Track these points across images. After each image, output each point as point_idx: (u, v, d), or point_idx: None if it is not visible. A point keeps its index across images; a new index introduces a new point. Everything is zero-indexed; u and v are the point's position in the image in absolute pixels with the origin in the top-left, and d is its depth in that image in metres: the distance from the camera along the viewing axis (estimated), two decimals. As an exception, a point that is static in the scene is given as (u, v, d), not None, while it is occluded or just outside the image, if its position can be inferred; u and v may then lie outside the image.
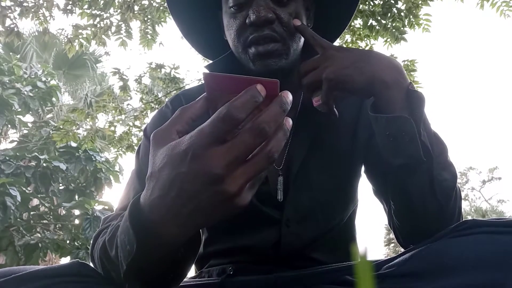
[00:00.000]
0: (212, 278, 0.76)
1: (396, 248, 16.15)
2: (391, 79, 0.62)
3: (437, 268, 0.52)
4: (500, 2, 2.92)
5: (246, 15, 0.70)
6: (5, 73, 6.11)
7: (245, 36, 0.70)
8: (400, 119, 0.60)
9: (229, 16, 0.73)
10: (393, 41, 3.16)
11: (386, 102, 0.62)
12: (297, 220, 0.74)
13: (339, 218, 0.80)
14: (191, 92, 0.87)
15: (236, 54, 0.74)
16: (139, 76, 4.71)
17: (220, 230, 0.79)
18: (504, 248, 0.50)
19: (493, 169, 20.07)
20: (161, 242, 0.42)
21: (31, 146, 7.11)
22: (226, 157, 0.38)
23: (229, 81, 0.41)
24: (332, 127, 0.79)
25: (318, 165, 0.77)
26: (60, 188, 6.41)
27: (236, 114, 0.37)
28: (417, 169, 0.62)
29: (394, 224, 0.72)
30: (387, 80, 0.62)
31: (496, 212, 18.38)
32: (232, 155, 0.38)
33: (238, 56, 0.74)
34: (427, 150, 0.60)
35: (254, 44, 0.69)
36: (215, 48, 0.86)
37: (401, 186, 0.65)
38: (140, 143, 0.82)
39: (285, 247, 0.73)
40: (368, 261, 0.17)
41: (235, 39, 0.72)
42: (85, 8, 3.42)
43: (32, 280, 0.52)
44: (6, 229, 5.12)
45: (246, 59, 0.72)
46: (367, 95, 0.65)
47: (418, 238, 0.59)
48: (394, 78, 0.62)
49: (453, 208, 0.65)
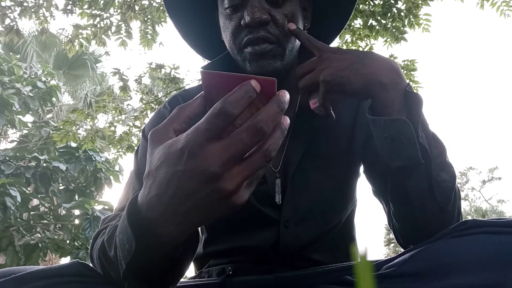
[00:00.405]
0: (211, 278, 0.76)
1: (396, 248, 16.15)
2: (388, 81, 0.62)
3: (437, 268, 0.52)
4: (500, 2, 2.92)
5: (241, 17, 0.70)
6: (5, 73, 6.10)
7: (240, 37, 0.70)
8: (398, 122, 0.60)
9: (224, 17, 0.73)
10: (393, 41, 3.16)
11: (383, 103, 0.62)
12: (295, 221, 0.74)
13: (338, 219, 0.80)
14: (189, 92, 0.87)
15: (232, 55, 0.75)
16: (139, 76, 4.70)
17: (219, 230, 0.79)
18: (504, 248, 0.50)
19: (493, 169, 20.07)
20: (159, 241, 0.42)
21: (31, 146, 7.11)
22: (223, 155, 0.37)
23: (226, 79, 0.41)
24: (330, 128, 0.79)
25: (316, 166, 0.77)
26: (60, 188, 6.41)
27: (230, 110, 0.37)
28: (416, 171, 0.62)
29: (394, 225, 0.72)
30: (385, 82, 0.62)
31: (496, 212, 18.38)
32: (229, 153, 0.38)
33: (234, 57, 0.74)
34: (426, 152, 0.60)
35: (249, 44, 0.70)
36: (214, 48, 0.86)
37: (400, 188, 0.65)
38: (139, 144, 0.82)
39: (284, 247, 0.73)
40: (368, 261, 0.17)
41: (230, 41, 0.72)
42: (85, 8, 3.41)
43: (32, 280, 0.52)
44: (6, 229, 5.13)
45: (242, 59, 0.72)
46: (364, 97, 0.65)
47: (418, 239, 0.59)
48: (391, 80, 0.62)
49: (452, 209, 0.65)
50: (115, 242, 0.48)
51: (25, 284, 0.51)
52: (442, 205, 0.63)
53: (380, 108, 0.62)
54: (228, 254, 0.78)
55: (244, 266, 0.74)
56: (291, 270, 0.70)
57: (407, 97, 0.62)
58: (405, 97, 0.62)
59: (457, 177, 0.67)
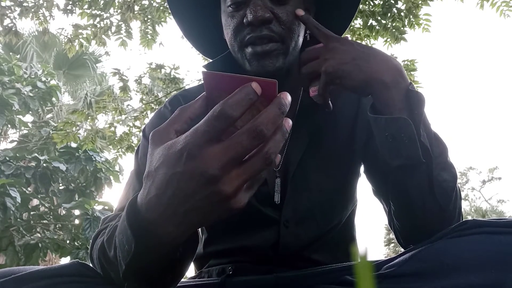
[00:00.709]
0: (212, 278, 0.76)
1: (396, 248, 16.14)
2: (390, 80, 0.62)
3: (437, 268, 0.52)
4: (500, 2, 2.92)
5: (243, 15, 0.69)
6: (5, 73, 6.10)
7: (242, 35, 0.70)
8: (399, 121, 0.60)
9: (227, 15, 0.73)
10: (393, 41, 3.16)
11: (385, 102, 0.62)
12: (295, 221, 0.74)
13: (338, 219, 0.80)
14: (190, 92, 0.86)
15: (232, 53, 0.74)
16: (139, 76, 4.70)
17: (219, 230, 0.79)
18: (504, 248, 0.50)
19: (493, 169, 20.06)
20: (159, 242, 0.42)
21: (31, 146, 7.11)
22: (222, 158, 0.37)
23: (228, 80, 0.41)
24: (330, 128, 0.79)
25: (316, 166, 0.77)
26: (60, 188, 6.40)
27: (230, 112, 0.37)
28: (416, 170, 0.62)
29: (394, 224, 0.72)
30: (386, 81, 0.62)
31: (496, 212, 18.37)
32: (228, 156, 0.37)
33: (235, 55, 0.73)
34: (427, 151, 0.60)
35: (251, 44, 0.69)
36: (215, 48, 0.86)
37: (401, 187, 0.65)
38: (139, 143, 0.82)
39: (284, 247, 0.73)
40: (368, 261, 0.17)
41: (232, 39, 0.72)
42: (85, 8, 3.41)
43: (32, 280, 0.52)
44: (6, 229, 5.12)
45: (242, 58, 0.71)
46: (364, 94, 0.66)
47: (418, 239, 0.59)
48: (393, 79, 0.62)
49: (453, 209, 0.65)
50: (114, 242, 0.48)
51: (25, 284, 0.51)
52: (442, 204, 0.63)
53: (381, 107, 0.63)
54: (228, 254, 0.78)
55: (244, 266, 0.74)
56: (291, 270, 0.70)
57: (409, 96, 0.62)
58: (407, 96, 0.62)
59: (457, 177, 0.67)
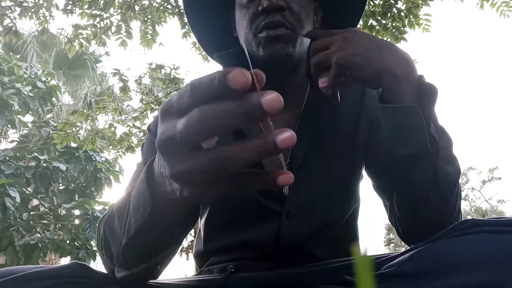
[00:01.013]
0: (213, 274, 0.76)
1: (396, 248, 16.16)
2: (401, 73, 0.62)
3: (437, 268, 0.52)
4: (500, 2, 2.92)
5: (258, 4, 0.71)
6: (5, 73, 6.10)
7: (257, 22, 0.72)
8: (408, 109, 0.60)
9: (241, 7, 0.75)
10: (393, 41, 3.16)
11: (395, 95, 0.62)
12: (297, 213, 0.75)
13: (339, 214, 0.80)
14: None
15: (246, 42, 0.74)
16: (139, 76, 4.70)
17: (220, 225, 0.80)
18: (504, 248, 0.50)
19: (493, 169, 20.06)
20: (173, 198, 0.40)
21: (31, 146, 7.11)
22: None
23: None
24: (334, 125, 0.80)
25: (320, 161, 0.77)
26: (60, 188, 6.40)
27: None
28: (423, 160, 0.62)
29: (396, 217, 0.73)
30: (398, 74, 0.61)
31: (496, 212, 18.37)
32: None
33: (248, 44, 0.74)
34: (434, 142, 0.60)
35: (266, 28, 0.70)
36: (221, 45, 0.87)
37: (406, 176, 0.65)
38: (144, 140, 0.86)
39: (285, 239, 0.74)
40: (368, 257, 0.17)
41: (247, 27, 0.73)
42: (85, 8, 3.41)
43: (32, 281, 0.52)
44: (6, 229, 5.12)
45: (256, 46, 0.72)
46: (374, 86, 0.66)
47: (419, 232, 0.59)
48: (405, 72, 0.62)
49: (454, 204, 0.65)
50: (128, 209, 0.50)
51: (24, 285, 0.51)
52: (445, 197, 0.63)
53: (391, 99, 0.62)
54: (229, 251, 0.78)
55: (245, 263, 0.74)
56: (293, 267, 0.71)
57: (421, 89, 0.61)
58: (419, 89, 0.61)
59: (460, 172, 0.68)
